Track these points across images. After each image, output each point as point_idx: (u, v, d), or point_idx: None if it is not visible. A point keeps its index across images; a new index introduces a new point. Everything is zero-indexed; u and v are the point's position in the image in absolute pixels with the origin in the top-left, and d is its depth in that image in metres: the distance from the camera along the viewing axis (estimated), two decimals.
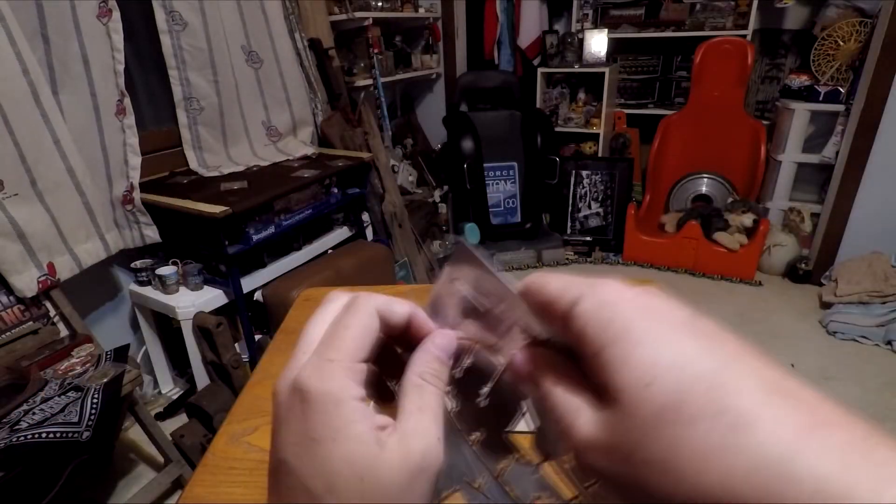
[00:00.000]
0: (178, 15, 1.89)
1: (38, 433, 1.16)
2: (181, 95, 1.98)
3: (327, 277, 2.01)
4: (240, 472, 0.59)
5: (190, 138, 2.06)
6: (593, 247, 3.24)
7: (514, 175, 3.25)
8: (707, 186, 3.23)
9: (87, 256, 1.66)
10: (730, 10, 3.06)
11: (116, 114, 1.74)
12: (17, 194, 1.46)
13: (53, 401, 1.26)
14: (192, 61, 1.96)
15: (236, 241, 1.81)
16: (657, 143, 3.22)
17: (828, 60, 2.74)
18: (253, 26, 2.15)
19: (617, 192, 3.22)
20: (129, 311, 2.01)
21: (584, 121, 3.42)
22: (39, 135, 1.50)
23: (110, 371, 1.38)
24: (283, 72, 2.29)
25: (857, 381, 2.05)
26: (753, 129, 3.01)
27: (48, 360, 1.42)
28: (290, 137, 2.42)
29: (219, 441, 0.64)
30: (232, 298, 1.87)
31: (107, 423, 1.29)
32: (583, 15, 3.36)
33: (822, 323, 2.42)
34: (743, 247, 2.80)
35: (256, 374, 0.78)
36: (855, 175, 2.54)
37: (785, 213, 2.88)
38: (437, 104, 3.81)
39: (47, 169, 1.53)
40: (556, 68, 3.41)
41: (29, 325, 1.49)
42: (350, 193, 2.31)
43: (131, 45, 1.77)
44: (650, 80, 3.52)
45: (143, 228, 1.83)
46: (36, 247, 1.51)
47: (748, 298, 2.70)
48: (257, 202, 1.79)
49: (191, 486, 0.57)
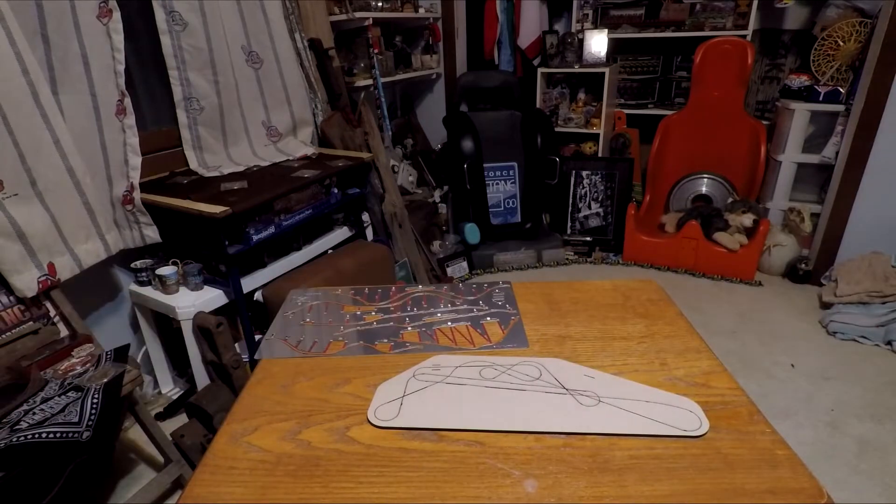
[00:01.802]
0: (178, 15, 1.89)
1: (39, 433, 1.16)
2: (181, 95, 1.98)
3: (327, 277, 2.01)
4: (240, 472, 0.59)
5: (190, 138, 2.06)
6: (593, 247, 3.24)
7: (514, 175, 3.25)
8: (707, 186, 3.23)
9: (88, 256, 1.66)
10: (730, 11, 3.06)
11: (116, 114, 1.74)
12: (17, 194, 1.46)
13: (54, 401, 1.26)
14: (192, 61, 1.96)
15: (236, 241, 1.81)
16: (657, 143, 3.23)
17: (828, 60, 2.74)
18: (253, 26, 2.15)
19: (617, 193, 3.22)
20: (129, 312, 2.01)
21: (584, 121, 3.42)
22: (39, 135, 1.50)
23: (110, 371, 1.38)
24: (283, 72, 2.29)
25: (858, 381, 2.04)
26: (753, 129, 3.02)
27: (48, 360, 1.42)
28: (290, 137, 2.41)
29: (219, 441, 0.64)
30: (232, 298, 1.87)
31: (107, 423, 1.29)
32: (583, 15, 3.36)
33: (822, 323, 2.42)
34: (743, 247, 2.81)
35: (257, 374, 0.78)
36: (855, 175, 2.54)
37: (785, 214, 2.88)
38: (437, 104, 3.81)
39: (47, 169, 1.52)
40: (556, 68, 3.41)
41: (29, 325, 1.49)
42: (350, 193, 2.31)
43: (131, 45, 1.77)
44: (650, 80, 3.52)
45: (143, 228, 1.83)
46: (36, 247, 1.51)
47: (748, 298, 2.70)
48: (257, 202, 1.79)
49: (191, 486, 0.57)
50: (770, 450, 0.60)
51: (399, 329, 0.91)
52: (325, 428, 0.66)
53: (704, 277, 2.90)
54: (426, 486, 0.57)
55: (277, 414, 0.69)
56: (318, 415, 0.68)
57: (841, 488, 1.59)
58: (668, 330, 0.84)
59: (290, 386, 0.74)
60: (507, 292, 1.02)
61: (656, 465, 0.58)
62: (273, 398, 0.72)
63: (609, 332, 0.85)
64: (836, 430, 1.82)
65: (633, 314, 0.89)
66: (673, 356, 0.77)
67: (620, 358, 0.78)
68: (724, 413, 0.65)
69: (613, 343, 0.82)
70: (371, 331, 0.91)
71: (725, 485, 0.55)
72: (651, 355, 0.78)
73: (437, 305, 0.98)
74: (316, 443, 0.64)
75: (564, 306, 0.93)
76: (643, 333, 0.84)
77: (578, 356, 0.78)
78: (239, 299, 1.84)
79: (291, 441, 0.64)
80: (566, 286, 1.01)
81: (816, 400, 1.96)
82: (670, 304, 0.92)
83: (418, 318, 0.94)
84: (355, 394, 0.72)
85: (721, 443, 0.61)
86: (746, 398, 0.68)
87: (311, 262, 2.14)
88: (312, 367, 0.79)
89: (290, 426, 0.66)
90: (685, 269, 2.96)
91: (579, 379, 0.74)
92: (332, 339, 0.89)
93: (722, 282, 2.86)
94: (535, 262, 3.14)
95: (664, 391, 0.70)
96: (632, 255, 3.10)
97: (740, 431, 0.62)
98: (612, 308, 0.91)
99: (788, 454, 0.59)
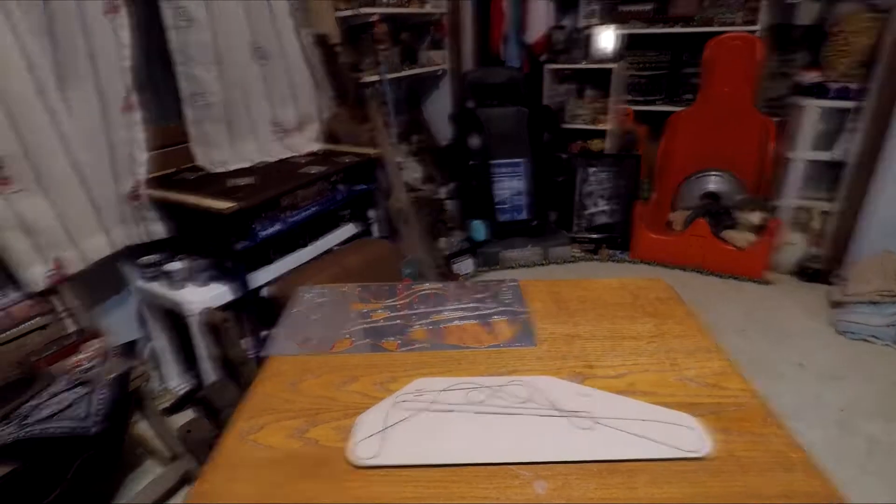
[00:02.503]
0: (185, 11, 1.88)
1: (47, 427, 1.16)
2: (188, 91, 1.98)
3: (334, 274, 2.01)
4: (248, 470, 0.59)
5: (197, 134, 2.06)
6: (600, 244, 3.22)
7: (521, 172, 3.23)
8: (716, 184, 3.20)
9: (94, 251, 1.67)
10: (740, 6, 3.02)
11: (123, 110, 1.74)
12: (24, 189, 1.47)
13: (62, 396, 1.27)
14: (198, 57, 1.96)
15: (243, 237, 1.81)
16: (665, 139, 3.20)
17: (840, 56, 2.70)
18: (259, 22, 2.14)
19: (624, 190, 3.19)
20: (136, 307, 2.01)
21: (591, 117, 3.39)
22: (45, 131, 1.50)
23: (118, 366, 1.38)
24: (289, 68, 2.29)
25: (868, 380, 2.02)
26: (763, 125, 2.98)
27: (57, 356, 1.43)
28: (296, 134, 2.41)
29: (227, 438, 0.64)
30: (239, 295, 1.87)
31: (115, 418, 1.29)
32: (591, 11, 3.33)
33: (832, 322, 2.40)
34: (752, 245, 2.78)
35: (264, 371, 0.78)
36: (867, 173, 2.51)
37: (795, 212, 2.85)
38: (444, 100, 3.79)
39: (53, 165, 1.53)
40: (563, 64, 3.38)
41: (37, 321, 1.50)
42: (356, 190, 2.31)
43: (137, 41, 1.77)
44: (658, 76, 3.48)
45: (149, 224, 1.83)
46: (43, 241, 1.51)
47: (757, 297, 2.67)
48: (264, 198, 1.79)
49: (200, 484, 0.57)
50: (784, 452, 0.59)
51: (406, 327, 0.90)
52: (333, 426, 0.66)
53: (713, 275, 2.87)
54: (434, 486, 0.57)
55: (285, 412, 0.68)
56: (326, 413, 0.68)
57: (850, 489, 1.58)
58: (678, 329, 0.83)
59: (297, 383, 0.74)
60: (514, 290, 1.01)
61: (666, 468, 0.58)
62: (281, 396, 0.72)
63: (618, 331, 0.84)
64: (845, 430, 1.80)
65: (642, 313, 0.88)
66: (683, 356, 0.76)
67: (630, 358, 0.77)
68: (737, 415, 0.64)
69: (623, 342, 0.81)
70: (378, 328, 0.90)
71: (738, 488, 0.55)
72: (661, 355, 0.77)
73: (445, 303, 0.98)
74: (323, 441, 0.63)
75: (572, 305, 0.92)
76: (653, 333, 0.83)
77: (588, 355, 0.78)
78: (246, 295, 1.85)
79: (299, 439, 0.64)
80: (574, 284, 1.00)
81: (826, 399, 1.94)
82: (680, 304, 0.91)
83: (426, 316, 0.93)
84: (363, 392, 0.72)
85: (734, 445, 0.60)
86: (759, 399, 0.67)
87: (318, 258, 2.14)
88: (320, 364, 0.79)
89: (298, 424, 0.66)
90: (693, 267, 2.94)
91: (573, 399, 0.70)
92: (338, 336, 0.88)
93: (731, 280, 2.83)
94: (542, 259, 3.13)
95: (664, 408, 0.67)
96: (639, 252, 3.08)
97: (753, 434, 0.61)
98: (620, 307, 0.90)
99: (802, 457, 0.58)
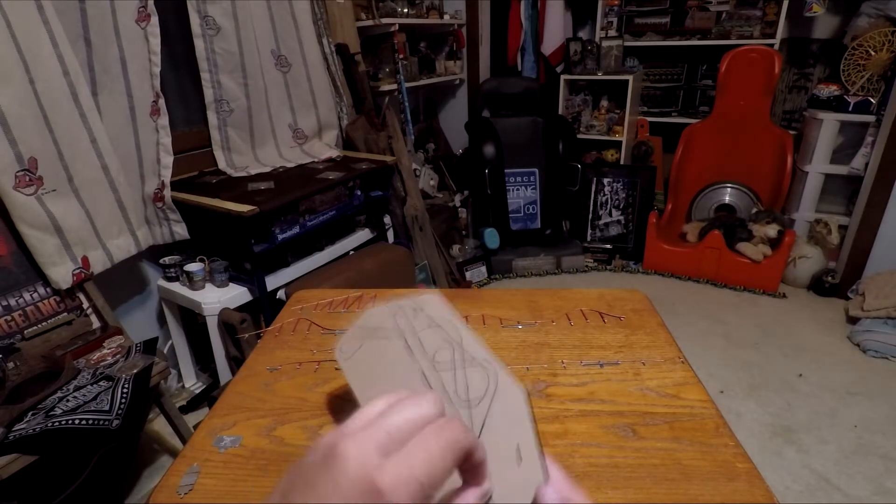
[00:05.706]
0: (212, 20, 1.94)
1: (72, 419, 1.20)
2: (212, 98, 2.04)
3: (349, 278, 2.04)
4: (214, 465, 0.61)
5: (219, 139, 2.12)
6: (613, 254, 3.22)
7: (534, 181, 3.25)
8: (731, 196, 3.19)
9: (119, 251, 1.72)
10: (757, 19, 3.02)
11: (151, 114, 1.80)
12: (56, 190, 1.52)
13: (86, 389, 1.31)
14: (223, 65, 2.01)
15: (262, 240, 1.85)
16: (680, 151, 3.20)
17: (858, 70, 2.69)
18: (283, 31, 2.20)
19: (638, 201, 3.20)
20: (156, 306, 2.06)
21: (606, 128, 3.41)
22: (77, 133, 1.56)
23: (139, 362, 1.42)
24: (310, 76, 2.34)
25: (884, 397, 2.00)
26: (780, 138, 2.97)
27: (81, 350, 1.47)
28: (315, 140, 2.46)
29: (198, 435, 0.66)
30: (256, 296, 1.91)
31: (135, 412, 1.33)
32: (607, 23, 3.36)
33: (849, 338, 2.37)
34: (767, 258, 2.76)
35: (242, 371, 0.80)
36: (885, 187, 2.49)
37: (811, 225, 2.83)
38: (460, 109, 3.83)
39: (83, 166, 1.58)
40: (579, 75, 3.41)
41: (63, 316, 1.55)
42: (373, 196, 2.35)
43: (166, 48, 1.82)
44: (674, 88, 3.50)
45: (172, 225, 1.88)
46: (71, 241, 1.56)
47: (771, 311, 2.65)
48: (283, 202, 1.83)
49: (167, 477, 0.60)
50: (730, 462, 0.59)
51: None
52: (300, 426, 0.67)
53: (726, 288, 2.86)
54: None
55: (256, 410, 0.70)
56: (295, 412, 0.69)
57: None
58: (647, 340, 0.83)
59: (271, 384, 0.76)
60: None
61: (614, 474, 0.58)
62: (254, 395, 0.73)
63: (588, 340, 0.84)
64: (860, 447, 1.78)
65: (614, 323, 0.88)
66: (648, 367, 0.77)
67: (595, 367, 0.77)
68: (690, 425, 0.65)
69: (590, 352, 0.81)
70: None
71: (680, 495, 0.55)
72: (626, 365, 0.77)
73: None
74: (289, 439, 0.65)
75: (547, 314, 0.93)
76: (622, 343, 0.83)
77: (554, 364, 0.78)
78: (263, 297, 1.88)
79: (266, 437, 0.65)
80: (552, 293, 1.00)
81: (840, 415, 1.92)
82: (653, 314, 0.91)
83: None
84: (332, 394, 0.73)
85: (682, 454, 0.61)
86: (715, 411, 0.68)
87: (334, 262, 2.18)
88: (294, 367, 0.81)
89: (267, 423, 0.68)
90: (707, 279, 2.93)
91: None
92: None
93: (745, 293, 2.81)
94: (555, 268, 3.14)
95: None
96: (652, 263, 3.08)
97: (703, 444, 0.62)
98: (594, 317, 0.91)
99: (748, 467, 0.59)
